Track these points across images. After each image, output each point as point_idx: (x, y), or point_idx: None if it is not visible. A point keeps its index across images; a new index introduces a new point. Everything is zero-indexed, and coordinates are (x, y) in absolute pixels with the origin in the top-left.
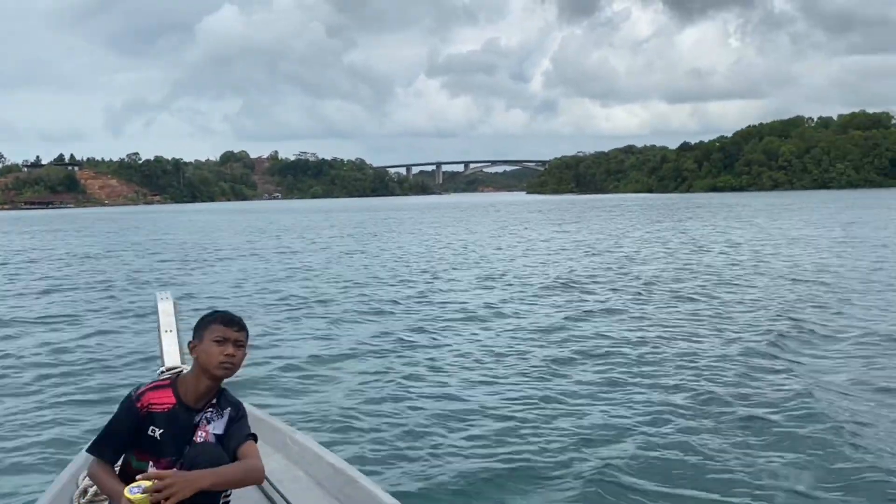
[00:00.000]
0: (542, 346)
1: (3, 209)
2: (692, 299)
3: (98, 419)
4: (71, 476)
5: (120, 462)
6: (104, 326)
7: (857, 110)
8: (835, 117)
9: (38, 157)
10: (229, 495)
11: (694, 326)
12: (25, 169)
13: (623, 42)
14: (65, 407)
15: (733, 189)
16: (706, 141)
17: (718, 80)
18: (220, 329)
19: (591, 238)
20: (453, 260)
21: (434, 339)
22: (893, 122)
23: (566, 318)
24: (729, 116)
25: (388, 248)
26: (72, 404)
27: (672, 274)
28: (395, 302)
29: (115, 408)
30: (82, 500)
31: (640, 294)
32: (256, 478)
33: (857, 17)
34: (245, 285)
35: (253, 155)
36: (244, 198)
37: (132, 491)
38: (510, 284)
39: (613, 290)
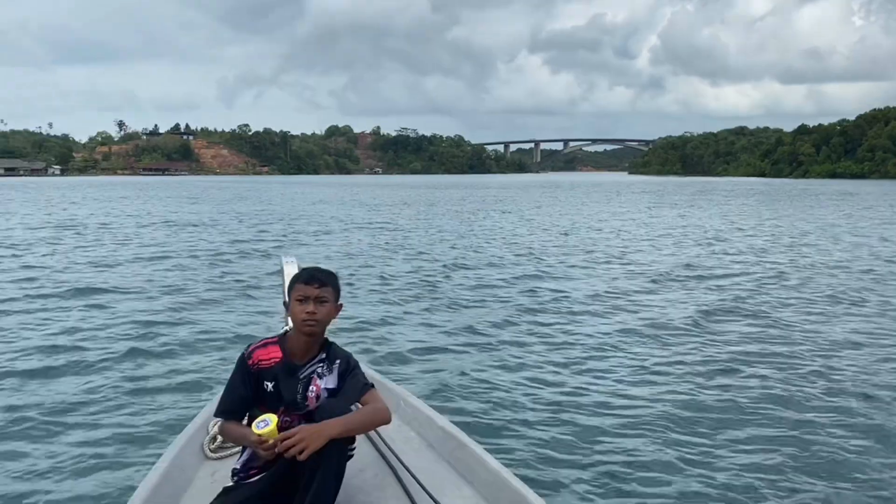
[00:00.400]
0: (669, 346)
1: (124, 174)
2: (844, 300)
3: (215, 375)
4: (202, 423)
5: (246, 419)
6: (211, 296)
7: None
8: None
9: (156, 125)
10: (353, 449)
11: (860, 339)
12: (144, 137)
13: (736, 19)
14: (182, 368)
15: (853, 176)
16: (825, 124)
17: (838, 60)
18: (302, 288)
19: (713, 223)
20: (565, 243)
21: (549, 326)
22: None
23: (697, 315)
24: (848, 99)
25: (491, 227)
26: (190, 366)
27: (816, 269)
28: (505, 284)
29: (231, 367)
30: (212, 446)
31: (781, 289)
32: (383, 419)
33: None
34: (347, 260)
35: (356, 130)
36: (347, 171)
37: (259, 426)
38: (633, 272)
39: (749, 284)
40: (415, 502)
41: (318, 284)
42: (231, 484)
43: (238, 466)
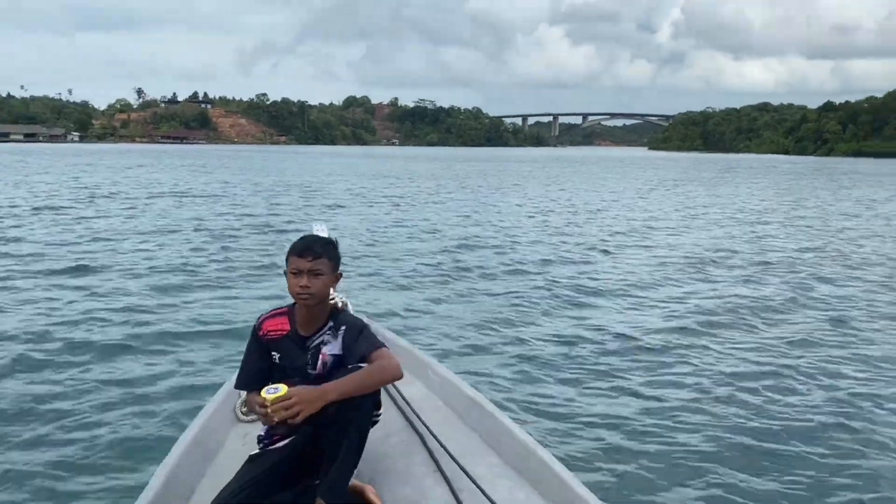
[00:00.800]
0: (709, 338)
1: (142, 142)
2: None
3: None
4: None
5: None
6: (224, 271)
7: None
8: None
9: (174, 93)
10: (379, 415)
11: None
12: (163, 105)
13: None
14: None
15: (880, 155)
16: (852, 101)
17: (865, 36)
18: (295, 261)
19: (749, 203)
20: (588, 221)
21: (574, 313)
22: None
23: (741, 308)
24: (874, 76)
25: (510, 204)
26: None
27: (869, 258)
28: (527, 266)
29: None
30: (243, 409)
31: (837, 280)
32: (391, 374)
33: None
34: (360, 236)
35: (374, 100)
36: (364, 142)
37: (269, 391)
38: (665, 256)
39: (794, 272)
40: (441, 469)
41: (311, 257)
42: (256, 451)
43: (262, 433)
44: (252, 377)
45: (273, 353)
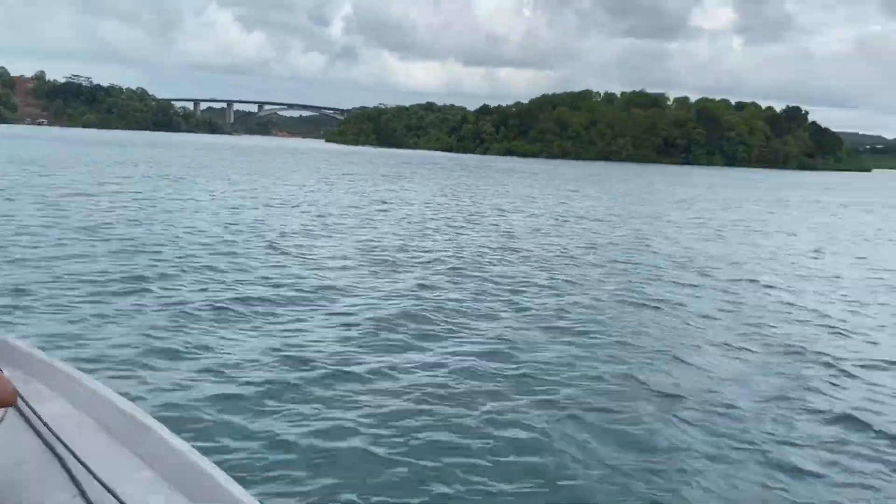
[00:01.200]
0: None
1: None
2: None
3: None
4: None
5: None
6: None
7: (637, 89)
8: (618, 94)
9: None
10: None
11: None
12: None
13: None
14: None
15: (526, 154)
16: (503, 105)
17: (511, 47)
18: None
19: (452, 203)
20: (284, 222)
21: (246, 310)
22: (669, 103)
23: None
24: (519, 84)
25: (192, 200)
26: None
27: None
28: (205, 277)
29: None
30: None
31: (535, 275)
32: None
33: (634, 2)
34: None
35: (13, 73)
36: (2, 121)
37: None
38: (374, 258)
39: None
40: (84, 492)
41: None
42: None
43: None
44: None
45: None
